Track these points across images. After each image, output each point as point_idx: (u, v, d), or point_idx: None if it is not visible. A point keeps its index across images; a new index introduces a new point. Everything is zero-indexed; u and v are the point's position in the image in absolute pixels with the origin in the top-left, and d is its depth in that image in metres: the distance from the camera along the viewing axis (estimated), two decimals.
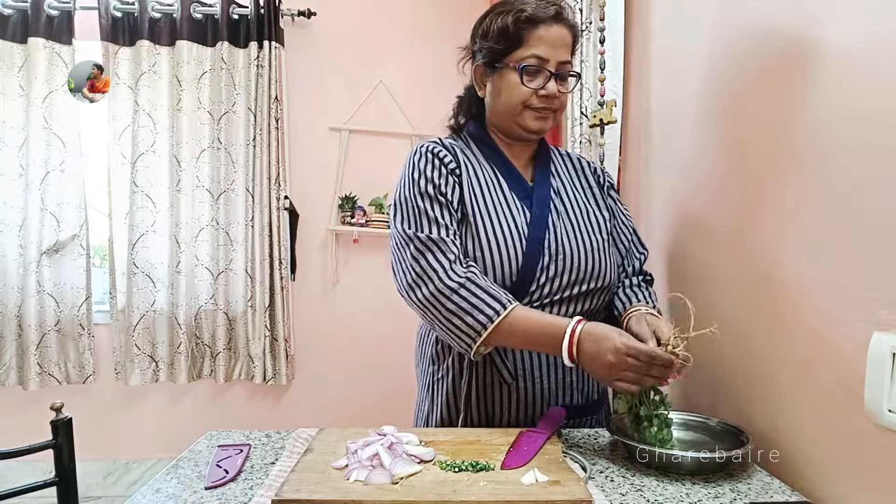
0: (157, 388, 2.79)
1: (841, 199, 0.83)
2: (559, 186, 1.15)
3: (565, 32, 1.08)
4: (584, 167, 1.22)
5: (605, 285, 1.10)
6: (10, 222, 2.60)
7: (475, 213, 1.06)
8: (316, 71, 2.82)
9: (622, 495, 0.83)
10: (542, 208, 1.09)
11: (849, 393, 0.80)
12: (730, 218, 1.15)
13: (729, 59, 1.16)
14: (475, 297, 0.97)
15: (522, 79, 1.06)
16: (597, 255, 1.09)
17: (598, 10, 1.66)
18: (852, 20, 0.81)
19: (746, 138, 1.08)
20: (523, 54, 1.06)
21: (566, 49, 1.08)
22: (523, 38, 1.06)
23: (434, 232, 1.02)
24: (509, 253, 1.04)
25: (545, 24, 1.05)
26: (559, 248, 1.06)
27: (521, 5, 1.06)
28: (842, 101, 0.83)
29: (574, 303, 1.08)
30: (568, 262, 1.06)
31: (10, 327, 2.61)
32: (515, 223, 1.06)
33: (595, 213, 1.15)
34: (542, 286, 1.05)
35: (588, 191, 1.18)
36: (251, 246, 2.70)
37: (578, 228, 1.10)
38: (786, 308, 0.96)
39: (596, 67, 1.68)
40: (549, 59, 1.06)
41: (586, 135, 1.73)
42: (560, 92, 1.08)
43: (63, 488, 1.14)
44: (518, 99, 1.07)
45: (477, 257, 1.04)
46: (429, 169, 1.07)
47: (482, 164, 1.12)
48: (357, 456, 0.86)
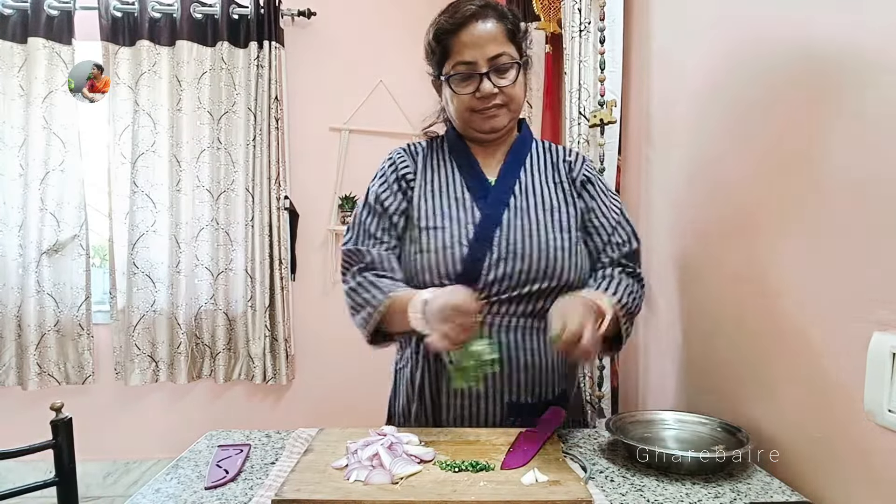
0: (157, 388, 2.78)
1: (841, 199, 0.83)
2: (527, 183, 1.14)
3: (490, 26, 1.06)
4: (560, 159, 1.18)
5: (562, 285, 1.07)
6: (10, 222, 2.60)
7: (420, 218, 1.10)
8: (316, 71, 2.81)
9: (622, 495, 0.83)
10: (495, 207, 1.10)
11: (849, 393, 0.80)
12: (730, 217, 1.15)
13: (729, 58, 1.16)
14: (367, 293, 1.06)
15: (453, 88, 1.09)
16: (554, 253, 1.07)
17: (598, 10, 1.66)
18: (852, 19, 0.81)
19: (746, 137, 1.08)
20: (451, 64, 1.08)
21: (495, 43, 1.06)
22: (447, 49, 1.08)
23: (364, 244, 1.12)
24: (452, 254, 1.06)
25: (464, 27, 1.06)
26: (509, 248, 1.06)
27: (438, 18, 1.09)
28: (842, 101, 0.83)
29: (526, 302, 1.07)
30: (518, 262, 1.05)
31: (9, 327, 2.61)
32: (461, 224, 1.08)
33: (561, 210, 1.12)
34: (490, 285, 1.05)
35: (558, 187, 1.15)
36: (251, 246, 2.69)
37: (537, 226, 1.09)
38: (786, 308, 0.96)
39: (596, 67, 1.68)
40: (477, 61, 1.06)
41: (586, 135, 1.73)
42: (500, 87, 1.07)
43: (63, 488, 1.14)
44: (460, 107, 1.10)
45: (417, 259, 1.08)
46: (381, 185, 1.15)
47: (446, 165, 1.16)
48: (357, 456, 0.86)
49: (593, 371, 1.72)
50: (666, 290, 1.46)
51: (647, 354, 1.60)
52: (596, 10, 1.68)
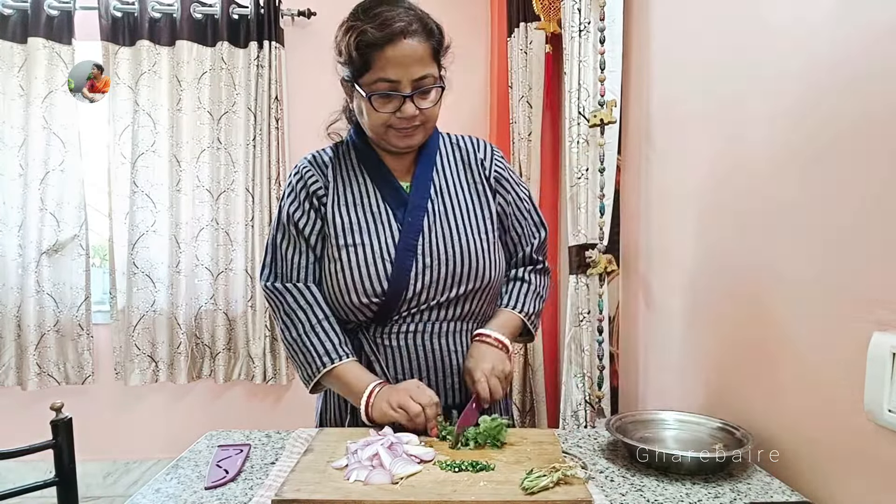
0: (156, 389, 2.78)
1: (841, 199, 0.83)
2: (441, 184, 1.12)
3: (417, 45, 0.99)
4: (471, 159, 1.16)
5: (487, 284, 1.09)
6: (10, 222, 2.60)
7: (338, 236, 1.07)
8: (316, 71, 2.80)
9: (622, 495, 0.83)
10: (415, 214, 1.08)
11: (849, 393, 0.80)
12: (729, 217, 1.15)
13: (729, 58, 1.16)
14: (302, 353, 1.08)
15: (374, 106, 1.01)
16: (476, 254, 1.08)
17: (598, 10, 1.66)
18: (853, 18, 0.81)
19: (746, 137, 1.08)
20: (372, 78, 1.00)
21: (420, 64, 1.00)
22: (369, 61, 0.99)
23: (282, 279, 1.10)
24: (378, 271, 1.05)
25: (390, 44, 0.97)
26: (433, 253, 1.06)
27: (364, 24, 0.98)
28: (842, 100, 0.83)
29: (452, 307, 1.08)
30: (443, 267, 1.06)
31: (9, 327, 2.61)
32: (382, 240, 1.06)
33: (477, 210, 1.12)
34: (419, 293, 1.05)
35: (473, 186, 1.14)
36: (251, 246, 2.69)
37: (457, 229, 1.09)
38: (786, 308, 0.96)
39: (596, 67, 1.68)
40: (401, 80, 0.99)
41: (586, 135, 1.73)
42: (421, 108, 1.02)
43: (63, 488, 1.14)
44: (377, 122, 1.04)
45: (339, 280, 1.06)
46: (292, 204, 1.11)
47: (357, 176, 1.12)
48: (357, 456, 0.86)
49: (593, 371, 1.72)
50: (666, 290, 1.46)
51: (647, 354, 1.60)
52: (596, 10, 1.68)
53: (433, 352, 1.08)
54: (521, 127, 2.35)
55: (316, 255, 1.10)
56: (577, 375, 1.76)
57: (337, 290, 1.07)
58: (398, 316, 1.07)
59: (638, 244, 1.64)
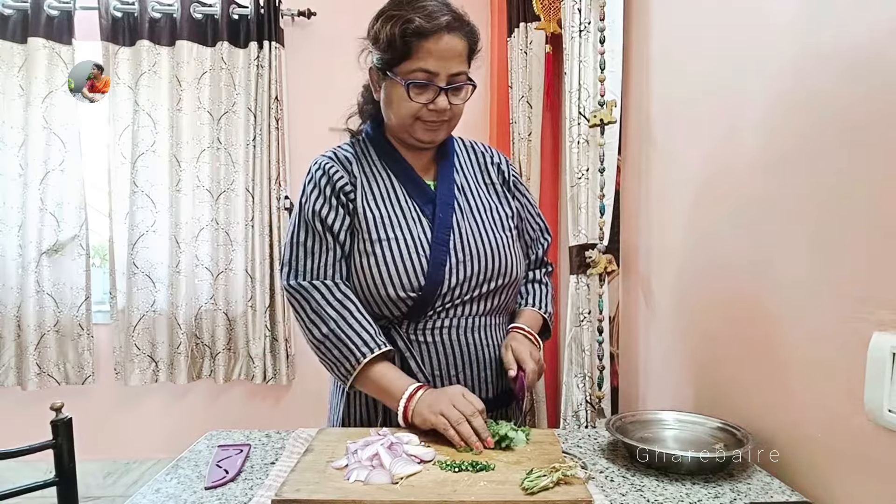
0: (156, 389, 2.78)
1: (841, 199, 0.83)
2: (462, 183, 1.15)
3: (458, 42, 1.02)
4: (487, 161, 1.20)
5: (512, 281, 1.13)
6: (10, 222, 2.60)
7: (371, 231, 1.06)
8: (316, 71, 2.81)
9: (622, 495, 0.83)
10: (445, 210, 1.09)
11: (849, 393, 0.80)
12: (729, 217, 1.15)
13: (729, 58, 1.16)
14: (340, 346, 1.03)
15: (410, 94, 1.03)
16: (503, 251, 1.10)
17: (598, 10, 1.66)
18: (853, 18, 0.81)
19: (746, 137, 1.09)
20: (411, 67, 1.02)
21: (459, 60, 1.03)
22: (411, 50, 1.01)
23: (307, 277, 1.06)
24: (414, 266, 1.04)
25: (435, 35, 1.00)
26: (465, 249, 1.07)
27: (410, 14, 1.00)
28: (842, 100, 0.83)
29: (483, 301, 1.10)
30: (476, 262, 1.07)
31: (9, 327, 2.61)
32: (415, 235, 1.06)
33: (499, 209, 1.16)
34: (453, 289, 1.06)
35: (491, 187, 1.18)
36: (251, 246, 2.69)
37: (484, 226, 1.11)
38: (786, 308, 0.96)
39: (596, 67, 1.68)
40: (439, 73, 1.02)
41: (586, 135, 1.73)
42: (452, 104, 1.05)
43: (63, 488, 1.14)
44: (407, 112, 1.05)
45: (375, 274, 1.05)
46: (318, 201, 1.08)
47: (380, 172, 1.12)
48: (357, 456, 0.86)
49: (593, 371, 1.72)
50: (666, 290, 1.46)
51: (647, 354, 1.60)
52: (596, 10, 1.68)
53: (468, 346, 1.09)
54: (521, 127, 2.36)
55: (343, 252, 1.08)
56: (578, 375, 1.76)
57: (372, 284, 1.05)
58: (432, 311, 1.07)
59: (638, 244, 1.64)
